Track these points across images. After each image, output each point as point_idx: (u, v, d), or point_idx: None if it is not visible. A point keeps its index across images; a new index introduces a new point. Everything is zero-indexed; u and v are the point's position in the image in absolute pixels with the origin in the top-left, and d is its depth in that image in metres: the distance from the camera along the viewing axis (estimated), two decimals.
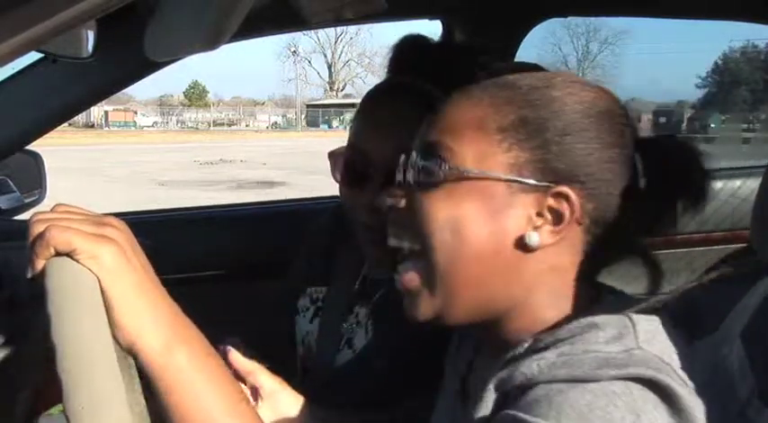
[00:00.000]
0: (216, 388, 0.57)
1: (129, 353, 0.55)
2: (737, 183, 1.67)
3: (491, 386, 0.58)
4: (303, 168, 13.98)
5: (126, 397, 0.51)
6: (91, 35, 1.14)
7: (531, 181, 0.59)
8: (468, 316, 0.62)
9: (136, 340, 0.55)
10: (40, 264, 0.54)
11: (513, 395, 0.56)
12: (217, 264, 1.65)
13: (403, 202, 0.64)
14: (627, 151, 0.62)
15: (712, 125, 31.27)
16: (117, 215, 0.59)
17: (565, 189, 0.59)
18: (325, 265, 1.09)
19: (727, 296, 0.80)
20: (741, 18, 1.75)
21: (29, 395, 0.79)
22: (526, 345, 0.59)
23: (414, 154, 0.63)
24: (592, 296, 0.63)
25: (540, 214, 0.59)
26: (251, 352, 0.82)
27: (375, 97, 0.99)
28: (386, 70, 1.06)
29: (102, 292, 0.54)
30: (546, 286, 0.61)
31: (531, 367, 0.55)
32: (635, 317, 0.57)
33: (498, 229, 0.59)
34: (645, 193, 0.62)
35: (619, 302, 0.60)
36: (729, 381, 0.73)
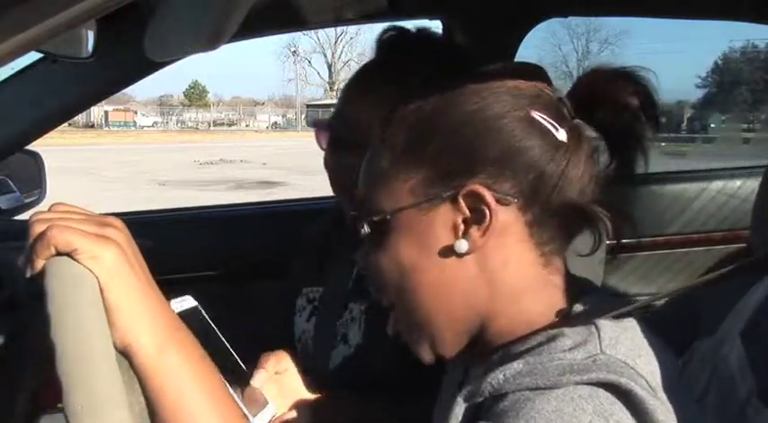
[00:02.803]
0: (204, 390, 0.57)
1: (123, 353, 0.55)
2: (737, 183, 1.67)
3: (460, 399, 0.58)
4: (303, 168, 13.97)
5: (126, 397, 0.51)
6: (91, 35, 1.14)
7: (436, 196, 0.58)
8: (459, 340, 0.62)
9: (132, 342, 0.55)
10: (39, 264, 0.54)
11: (486, 405, 0.56)
12: (217, 264, 1.64)
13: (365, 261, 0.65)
14: (524, 112, 0.58)
15: (712, 125, 31.27)
16: (117, 215, 0.59)
17: (471, 187, 0.57)
18: (320, 266, 1.10)
19: (727, 296, 0.80)
20: (741, 18, 1.75)
21: (29, 395, 0.79)
22: (496, 357, 0.59)
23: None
24: (565, 285, 0.61)
25: (464, 220, 0.58)
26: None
27: (369, 69, 1.02)
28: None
29: (102, 292, 0.54)
30: (509, 279, 0.59)
31: (498, 377, 0.55)
32: (600, 322, 0.56)
33: (431, 252, 0.59)
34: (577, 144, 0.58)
35: (593, 306, 0.59)
36: (729, 381, 0.73)
